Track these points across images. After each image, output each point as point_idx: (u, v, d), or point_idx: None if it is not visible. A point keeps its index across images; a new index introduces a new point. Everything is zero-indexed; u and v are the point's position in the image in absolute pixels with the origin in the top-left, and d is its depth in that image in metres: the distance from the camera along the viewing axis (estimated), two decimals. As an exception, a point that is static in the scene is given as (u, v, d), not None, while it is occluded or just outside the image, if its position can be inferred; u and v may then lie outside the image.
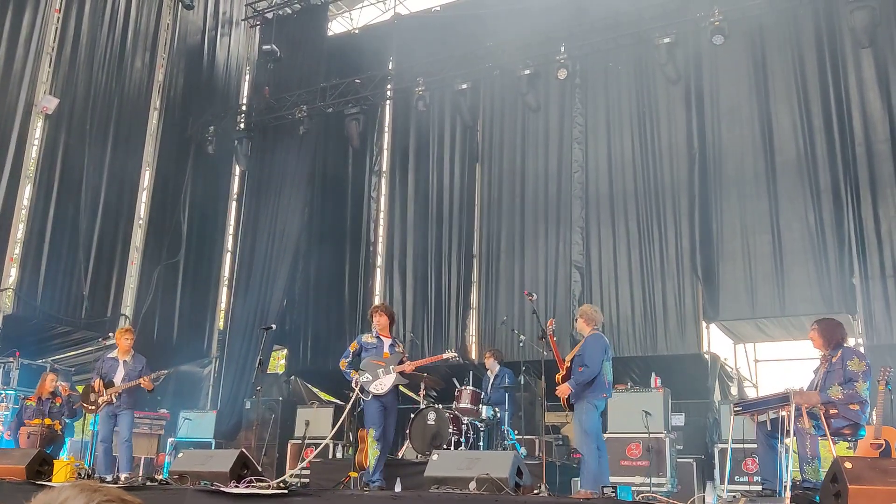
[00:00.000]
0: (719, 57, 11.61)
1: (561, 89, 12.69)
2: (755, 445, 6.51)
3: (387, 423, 7.68)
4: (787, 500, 5.40)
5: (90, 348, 11.81)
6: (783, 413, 5.77)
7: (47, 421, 9.47)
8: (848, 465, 4.97)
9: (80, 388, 9.44)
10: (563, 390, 6.89)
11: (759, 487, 6.29)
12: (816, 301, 10.43)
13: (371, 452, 7.56)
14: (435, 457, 6.60)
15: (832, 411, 5.78)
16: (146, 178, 13.70)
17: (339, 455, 10.76)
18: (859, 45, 10.16)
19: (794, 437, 5.69)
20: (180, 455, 8.08)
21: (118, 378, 8.41)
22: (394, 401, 7.84)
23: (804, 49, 11.27)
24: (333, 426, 10.90)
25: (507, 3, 13.23)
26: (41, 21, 11.98)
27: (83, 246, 12.22)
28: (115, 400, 8.31)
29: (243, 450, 7.41)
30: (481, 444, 8.92)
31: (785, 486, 5.58)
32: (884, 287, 10.10)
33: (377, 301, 14.29)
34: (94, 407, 8.37)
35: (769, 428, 5.97)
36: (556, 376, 7.07)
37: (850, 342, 6.44)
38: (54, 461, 8.21)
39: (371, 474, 7.50)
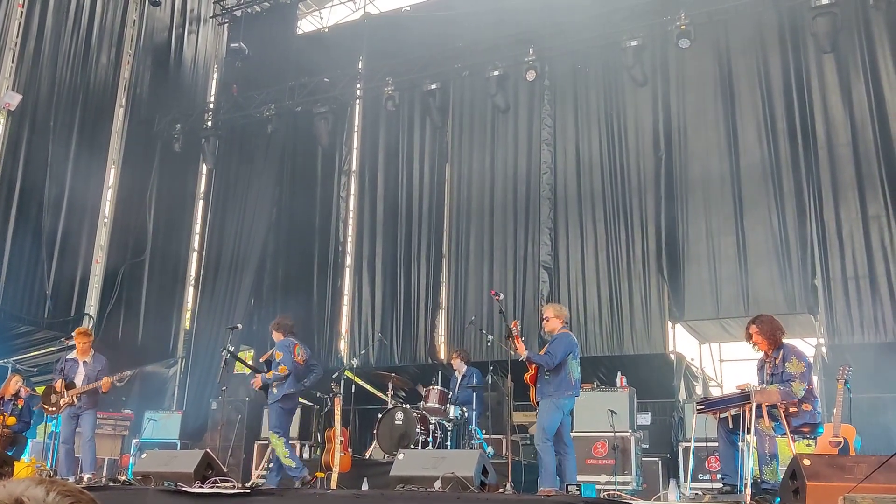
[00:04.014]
0: (685, 60, 11.74)
1: (530, 91, 12.75)
2: (717, 444, 6.60)
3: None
4: (748, 496, 5.48)
5: (53, 348, 11.61)
6: (745, 410, 5.86)
7: (10, 420, 9.31)
8: (807, 461, 5.06)
9: (40, 390, 9.30)
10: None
11: (721, 484, 6.37)
12: (779, 302, 10.59)
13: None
14: (401, 456, 6.61)
15: (792, 409, 5.88)
16: (111, 175, 13.51)
17: (306, 455, 10.72)
18: (822, 50, 10.33)
19: (754, 436, 5.78)
20: (144, 456, 8.00)
21: (79, 379, 8.30)
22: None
23: (768, 54, 11.45)
24: (300, 426, 10.91)
25: (477, 4, 13.26)
26: (4, 16, 11.77)
27: (46, 244, 12.02)
28: (76, 401, 8.19)
29: (208, 450, 7.36)
30: (449, 443, 8.94)
31: (745, 483, 5.66)
32: (845, 288, 10.29)
33: (346, 301, 14.26)
34: (54, 409, 8.25)
35: (730, 425, 6.06)
36: (526, 375, 7.13)
37: (796, 340, 6.49)
38: (15, 462, 8.08)
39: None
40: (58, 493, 1.28)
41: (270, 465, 8.27)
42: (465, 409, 9.22)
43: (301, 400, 12.39)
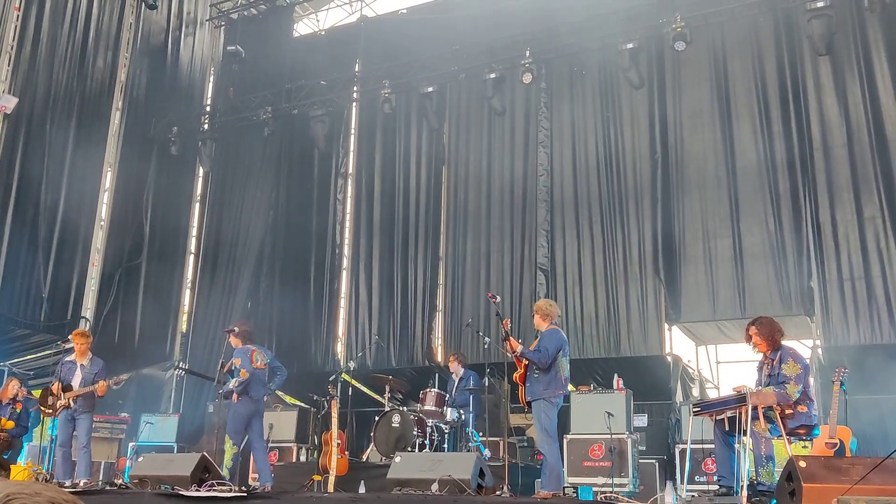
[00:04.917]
0: (681, 63, 11.78)
1: (526, 93, 12.78)
2: (714, 446, 6.60)
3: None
4: (744, 498, 5.49)
5: (49, 351, 11.58)
6: (741, 412, 5.88)
7: (8, 424, 9.30)
8: (802, 463, 5.07)
9: (36, 393, 9.29)
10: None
11: (717, 487, 6.38)
12: (775, 303, 10.61)
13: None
14: (398, 459, 6.62)
15: (787, 411, 5.89)
16: (108, 178, 13.49)
17: (302, 458, 10.71)
18: (817, 52, 10.36)
19: (750, 438, 5.79)
20: (140, 459, 7.99)
21: (76, 382, 8.29)
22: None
23: (764, 56, 11.48)
24: (297, 429, 10.92)
25: (473, 6, 13.30)
26: (0, 19, 11.77)
27: (43, 247, 12.00)
28: (72, 404, 8.19)
29: (205, 453, 7.35)
30: (446, 446, 8.93)
31: (742, 485, 5.67)
32: (840, 290, 10.32)
33: (343, 303, 14.25)
34: (51, 411, 8.24)
35: (727, 427, 6.07)
36: (514, 374, 7.12)
37: (793, 342, 6.51)
38: (11, 466, 8.07)
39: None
40: (4, 496, 1.27)
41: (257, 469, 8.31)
42: (461, 411, 9.21)
43: (297, 402, 12.46)
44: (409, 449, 8.50)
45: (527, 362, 7.00)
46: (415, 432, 8.68)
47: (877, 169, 10.37)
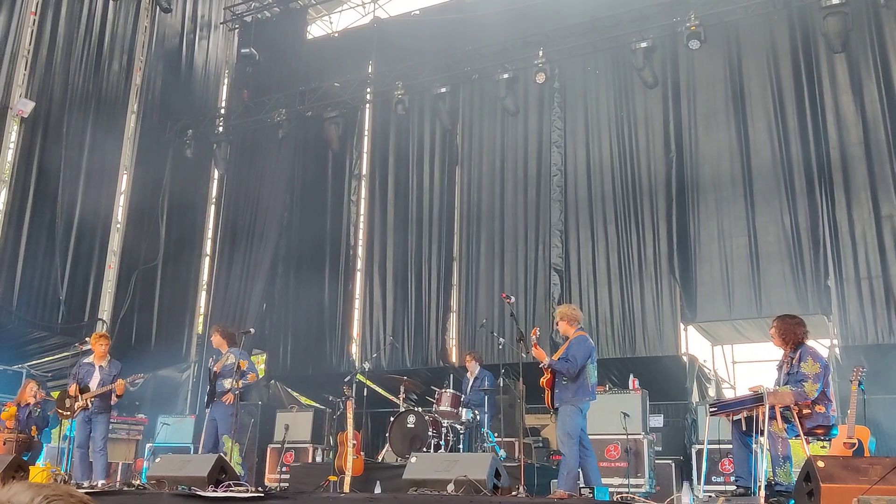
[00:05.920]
0: (696, 61, 11.72)
1: (539, 93, 12.75)
2: (731, 446, 6.57)
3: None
4: (762, 498, 5.46)
5: (67, 353, 11.67)
6: (758, 412, 5.85)
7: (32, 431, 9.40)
8: (821, 464, 5.04)
9: (55, 395, 9.37)
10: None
11: (734, 487, 6.35)
12: (792, 303, 10.53)
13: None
14: (413, 459, 6.62)
15: (805, 411, 5.86)
16: (123, 181, 13.59)
17: (318, 459, 10.75)
18: (832, 50, 10.29)
19: (767, 439, 5.76)
20: (158, 460, 8.04)
21: (94, 383, 8.36)
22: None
23: (779, 54, 11.41)
24: (313, 430, 10.96)
25: (486, 7, 13.29)
26: (17, 23, 11.86)
27: (60, 250, 12.09)
28: (90, 405, 8.25)
29: (222, 454, 7.39)
30: (461, 446, 8.94)
31: (759, 485, 5.64)
32: (858, 289, 10.23)
33: (357, 304, 14.28)
34: (69, 413, 8.31)
35: (744, 427, 6.04)
36: (542, 380, 7.06)
37: (811, 342, 6.44)
38: (30, 468, 8.13)
39: None
40: (43, 497, 1.28)
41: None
42: (476, 412, 9.21)
43: (312, 403, 12.52)
44: (425, 449, 8.50)
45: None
46: (430, 433, 8.69)
47: (893, 166, 10.28)
